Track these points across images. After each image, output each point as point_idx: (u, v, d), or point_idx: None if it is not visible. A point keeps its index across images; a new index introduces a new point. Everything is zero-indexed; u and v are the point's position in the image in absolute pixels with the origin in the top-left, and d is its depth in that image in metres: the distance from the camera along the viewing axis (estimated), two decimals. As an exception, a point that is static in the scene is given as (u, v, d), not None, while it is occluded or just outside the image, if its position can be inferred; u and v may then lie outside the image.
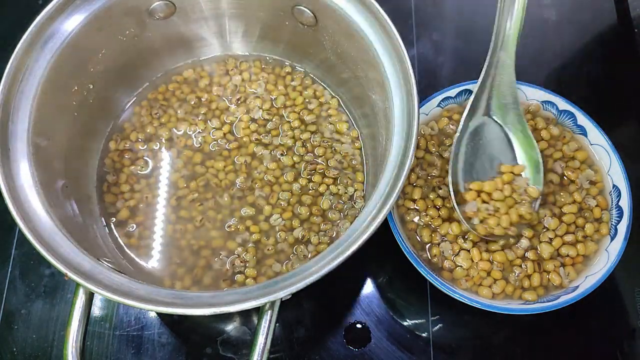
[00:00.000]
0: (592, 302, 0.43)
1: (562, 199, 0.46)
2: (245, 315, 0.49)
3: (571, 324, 0.48)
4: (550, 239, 0.45)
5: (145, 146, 0.50)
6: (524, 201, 0.44)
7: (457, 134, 0.46)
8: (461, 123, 0.46)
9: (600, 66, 0.60)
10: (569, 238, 0.45)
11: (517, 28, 0.46)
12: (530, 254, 0.44)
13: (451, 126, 0.49)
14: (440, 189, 0.47)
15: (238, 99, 0.52)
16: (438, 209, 0.46)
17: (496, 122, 0.47)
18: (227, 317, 0.49)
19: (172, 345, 0.48)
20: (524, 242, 0.44)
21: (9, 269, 0.50)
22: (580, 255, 0.45)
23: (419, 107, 0.38)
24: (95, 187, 0.48)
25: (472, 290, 0.44)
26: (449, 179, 0.45)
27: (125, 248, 0.47)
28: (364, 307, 0.49)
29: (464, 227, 0.45)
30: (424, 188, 0.47)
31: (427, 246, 0.45)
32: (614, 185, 0.46)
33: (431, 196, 0.46)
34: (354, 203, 0.48)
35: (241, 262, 0.46)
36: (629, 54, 0.60)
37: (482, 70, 0.47)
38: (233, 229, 0.47)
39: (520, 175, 0.45)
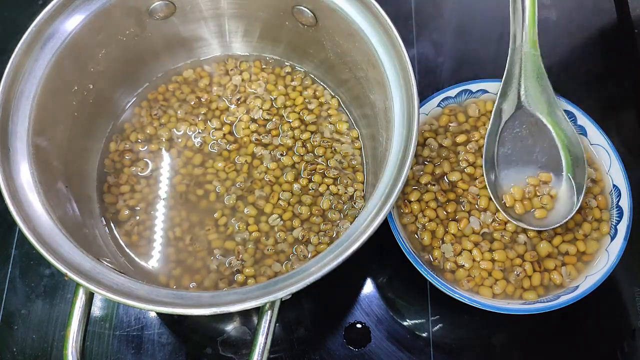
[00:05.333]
0: (592, 302, 0.43)
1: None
2: (245, 315, 0.49)
3: (571, 324, 0.48)
4: (550, 237, 0.45)
5: (146, 147, 0.50)
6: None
7: (489, 127, 0.46)
8: (492, 114, 0.47)
9: (601, 66, 0.60)
10: (568, 237, 0.45)
11: (532, 11, 0.45)
12: (530, 254, 0.44)
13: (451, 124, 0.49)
14: (435, 185, 0.47)
15: (238, 99, 0.52)
16: (436, 210, 0.46)
17: (531, 113, 0.47)
18: (227, 317, 0.49)
19: (172, 345, 0.48)
20: (521, 237, 0.45)
21: (9, 269, 0.50)
22: (581, 253, 0.45)
23: (419, 107, 0.38)
24: (95, 187, 0.48)
25: (474, 291, 0.44)
26: (483, 167, 0.46)
27: (125, 248, 0.47)
28: (364, 307, 0.49)
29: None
30: (421, 188, 0.47)
31: (428, 249, 0.45)
32: (614, 185, 0.46)
33: (426, 197, 0.46)
34: (354, 203, 0.48)
35: (240, 261, 0.46)
36: (629, 53, 0.60)
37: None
38: (233, 229, 0.47)
39: (547, 183, 0.46)
